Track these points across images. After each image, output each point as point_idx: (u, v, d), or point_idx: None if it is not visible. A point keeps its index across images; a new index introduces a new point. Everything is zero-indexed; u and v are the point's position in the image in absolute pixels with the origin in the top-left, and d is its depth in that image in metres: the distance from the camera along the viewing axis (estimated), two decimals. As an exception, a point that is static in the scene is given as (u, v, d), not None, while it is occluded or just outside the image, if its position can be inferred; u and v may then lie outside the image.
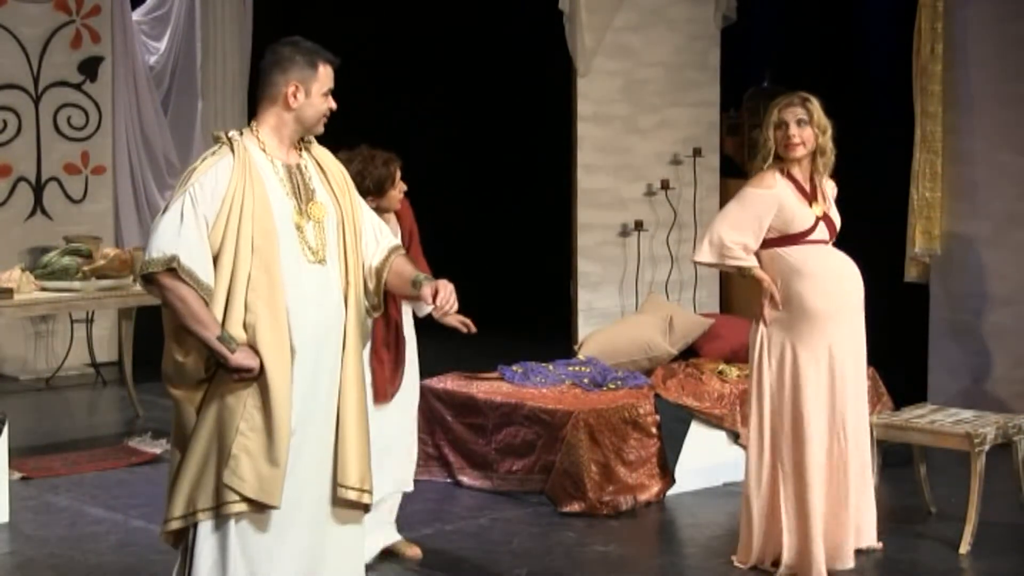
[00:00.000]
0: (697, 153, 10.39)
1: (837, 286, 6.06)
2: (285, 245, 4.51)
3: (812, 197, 6.06)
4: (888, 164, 9.15)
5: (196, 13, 11.42)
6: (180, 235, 4.42)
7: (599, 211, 10.09)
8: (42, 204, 10.62)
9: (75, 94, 10.73)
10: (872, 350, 6.32)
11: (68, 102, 10.70)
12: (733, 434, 7.53)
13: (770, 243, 6.07)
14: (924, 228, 8.54)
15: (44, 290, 8.43)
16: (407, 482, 6.23)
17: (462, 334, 5.24)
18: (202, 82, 11.50)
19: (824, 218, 6.07)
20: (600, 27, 9.96)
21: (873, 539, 6.28)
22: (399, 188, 6.08)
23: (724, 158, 10.79)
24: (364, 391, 4.70)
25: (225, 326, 4.43)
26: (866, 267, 6.21)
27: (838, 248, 6.14)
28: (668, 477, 7.33)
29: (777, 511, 6.08)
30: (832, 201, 6.14)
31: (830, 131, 6.05)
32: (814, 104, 6.03)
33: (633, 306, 9.96)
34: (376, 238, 4.77)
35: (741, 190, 6.17)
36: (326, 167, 4.71)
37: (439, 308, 4.65)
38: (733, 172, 10.68)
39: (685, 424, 7.45)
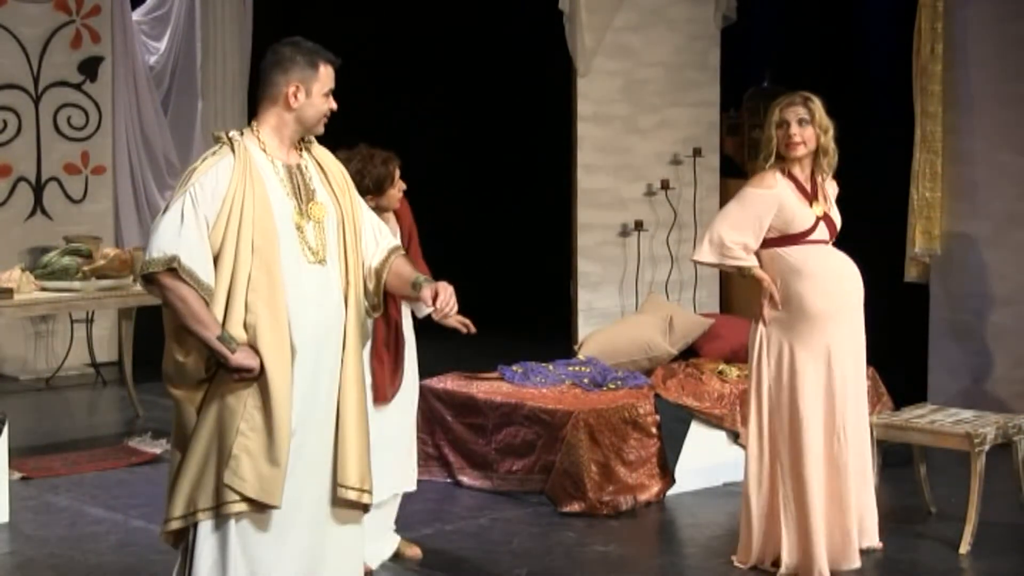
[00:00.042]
0: (697, 153, 10.39)
1: (837, 286, 6.06)
2: (285, 245, 4.51)
3: (813, 197, 6.06)
4: (888, 164, 9.15)
5: (196, 13, 11.42)
6: (180, 235, 4.43)
7: (599, 211, 10.09)
8: (42, 204, 10.62)
9: (75, 94, 10.73)
10: (872, 350, 6.32)
11: (68, 102, 10.69)
12: (733, 434, 7.53)
13: (770, 243, 6.07)
14: (924, 228, 8.53)
15: (44, 290, 8.42)
16: (410, 482, 6.22)
17: (462, 334, 5.23)
18: (202, 82, 11.49)
19: (824, 218, 6.07)
20: (600, 27, 9.96)
21: (875, 539, 6.28)
22: (398, 187, 6.08)
23: (724, 158, 10.78)
24: (364, 391, 4.71)
25: (225, 326, 4.43)
26: (866, 267, 6.20)
27: (838, 248, 6.14)
28: (668, 477, 7.32)
29: (776, 511, 6.08)
30: (833, 201, 6.14)
31: (832, 131, 6.05)
32: (816, 104, 6.03)
33: (633, 306, 9.95)
34: (376, 239, 4.77)
35: (741, 190, 6.17)
36: (326, 167, 4.71)
37: (439, 311, 4.65)
38: (733, 172, 10.68)
39: (685, 424, 7.45)
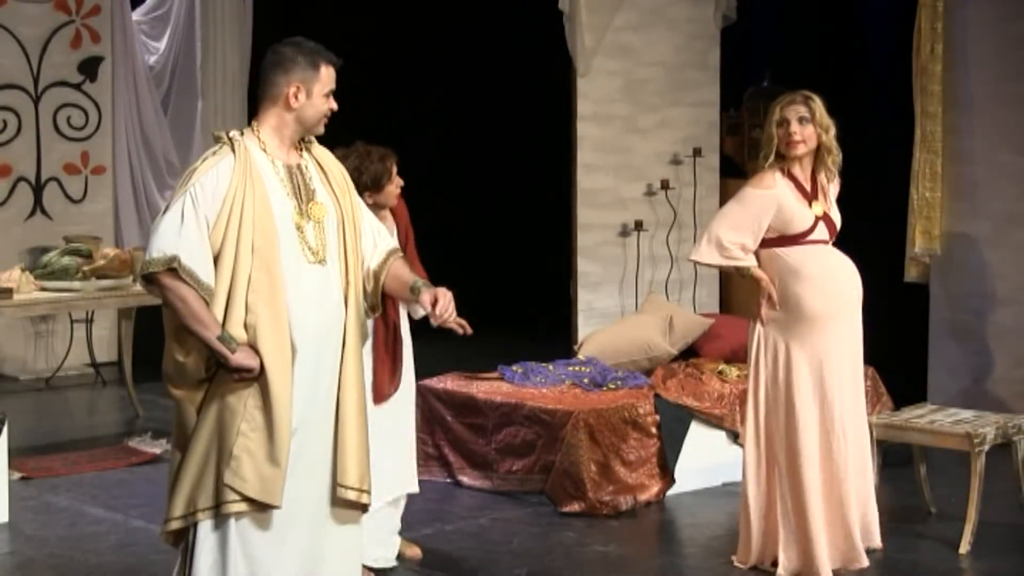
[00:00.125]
0: (697, 153, 10.38)
1: (835, 287, 6.05)
2: (285, 245, 4.51)
3: (813, 196, 6.05)
4: (888, 164, 9.14)
5: (196, 13, 11.41)
6: (181, 235, 4.43)
7: (599, 211, 10.08)
8: (42, 204, 10.61)
9: (75, 94, 10.73)
10: (872, 350, 6.32)
11: (68, 102, 10.69)
12: (733, 434, 7.53)
13: (769, 243, 6.06)
14: (924, 228, 8.53)
15: (44, 290, 8.42)
16: (411, 484, 6.21)
17: (460, 335, 5.23)
18: (202, 82, 11.49)
19: (824, 218, 6.06)
20: (600, 27, 9.96)
21: (877, 539, 6.28)
22: (396, 183, 6.07)
23: (724, 158, 10.78)
24: (364, 391, 4.71)
25: (226, 326, 4.43)
26: (866, 267, 6.20)
27: (838, 248, 6.14)
28: (668, 477, 7.32)
29: (774, 511, 6.08)
30: (833, 200, 6.14)
31: (833, 130, 6.05)
32: (816, 102, 6.03)
33: (633, 306, 9.95)
34: (374, 240, 4.77)
35: (740, 190, 6.17)
36: (326, 167, 4.71)
37: (438, 316, 4.64)
38: (733, 172, 10.68)
39: (685, 424, 7.45)
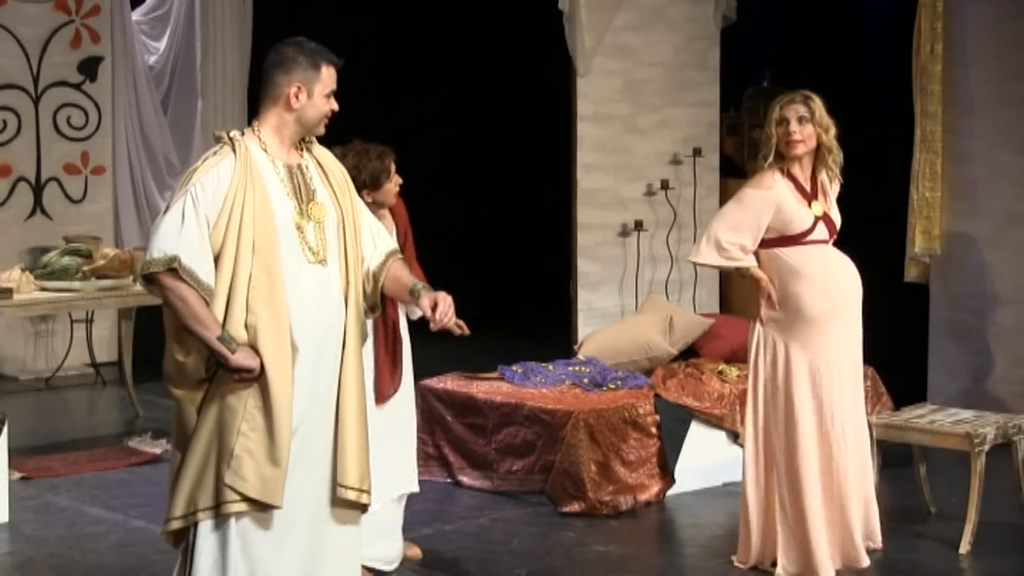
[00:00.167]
0: (697, 153, 10.39)
1: (835, 287, 6.05)
2: (286, 245, 4.51)
3: (812, 196, 6.05)
4: (888, 164, 9.14)
5: (196, 13, 11.41)
6: (181, 235, 4.43)
7: (599, 211, 10.09)
8: (42, 204, 10.61)
9: (75, 94, 10.73)
10: (872, 350, 6.32)
11: (68, 102, 10.69)
12: (733, 434, 7.53)
13: (769, 243, 6.06)
14: (924, 228, 8.53)
15: (44, 290, 8.42)
16: (411, 483, 6.21)
17: (459, 335, 5.22)
18: (202, 82, 11.49)
19: (824, 218, 6.06)
20: (600, 27, 9.96)
21: (879, 538, 6.29)
22: (394, 181, 6.07)
23: (724, 158, 10.78)
24: (364, 391, 4.70)
25: (226, 326, 4.43)
26: (866, 267, 6.20)
27: (838, 248, 6.13)
28: (668, 477, 7.32)
29: (773, 511, 6.08)
30: (833, 200, 6.13)
31: (833, 129, 6.05)
32: (816, 102, 6.02)
33: (633, 306, 9.95)
34: (373, 241, 4.77)
35: (740, 191, 6.16)
36: (327, 167, 4.71)
37: (438, 321, 4.64)
38: (733, 172, 10.68)
39: (685, 424, 7.45)
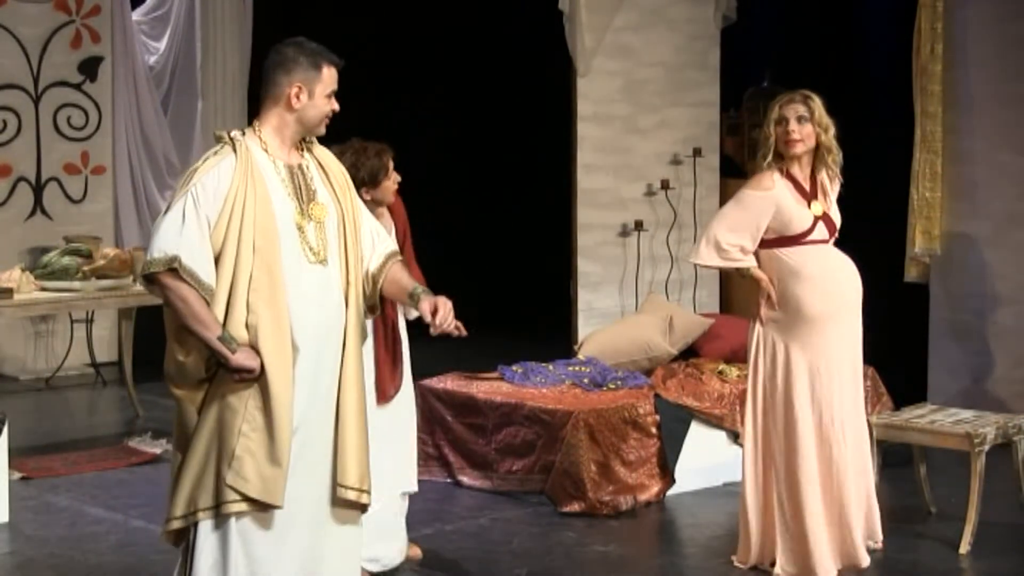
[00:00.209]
0: (697, 153, 10.39)
1: (835, 287, 6.05)
2: (286, 245, 4.51)
3: (812, 196, 6.05)
4: (888, 164, 9.14)
5: (196, 13, 11.41)
6: (182, 235, 4.43)
7: (599, 211, 10.09)
8: (42, 204, 10.61)
9: (75, 94, 10.73)
10: (872, 350, 6.32)
11: (68, 102, 10.69)
12: (733, 434, 7.53)
13: (768, 244, 6.06)
14: (924, 228, 8.53)
15: (44, 290, 8.42)
16: (411, 482, 6.21)
17: (458, 335, 5.22)
18: (202, 82, 11.49)
19: (823, 217, 6.06)
20: (600, 27, 9.96)
21: (879, 536, 6.29)
22: (393, 179, 6.05)
23: (724, 158, 10.78)
24: (364, 391, 4.70)
25: (227, 326, 4.43)
26: (866, 267, 6.20)
27: (838, 248, 6.13)
28: (668, 477, 7.33)
29: (772, 511, 6.08)
30: (833, 199, 6.13)
31: (832, 129, 6.05)
32: (815, 102, 6.02)
33: (633, 306, 9.95)
34: (373, 242, 4.77)
35: (739, 192, 6.16)
36: (327, 167, 4.71)
37: (437, 326, 4.64)
38: (733, 172, 10.68)
39: (685, 424, 7.45)
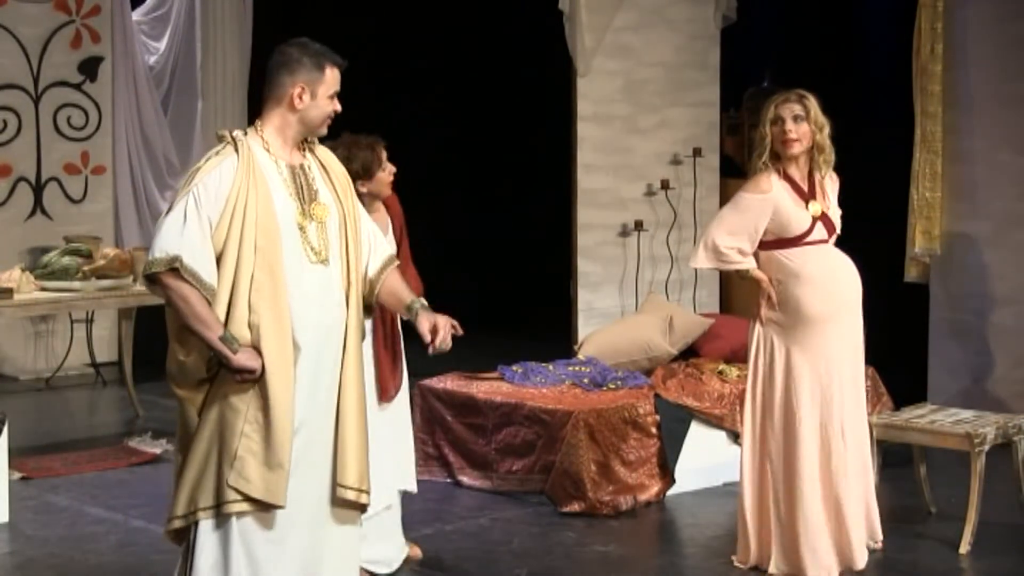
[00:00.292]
0: (697, 153, 10.38)
1: (835, 288, 6.04)
2: (288, 245, 4.51)
3: (810, 196, 6.05)
4: (888, 164, 9.15)
5: (196, 13, 11.41)
6: (183, 235, 4.43)
7: (599, 211, 10.08)
8: (42, 204, 10.61)
9: (75, 94, 10.73)
10: (872, 350, 6.31)
11: (68, 102, 10.69)
12: (733, 434, 7.53)
13: (768, 245, 6.06)
14: (924, 228, 8.54)
15: (44, 290, 8.42)
16: (411, 482, 6.21)
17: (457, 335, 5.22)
18: (202, 82, 11.48)
19: (822, 217, 6.05)
20: (600, 27, 9.96)
21: (880, 537, 6.29)
22: (388, 171, 6.02)
23: (724, 158, 10.78)
24: (364, 391, 4.71)
25: (228, 326, 4.44)
26: (866, 267, 6.20)
27: (838, 248, 6.13)
28: (668, 477, 7.33)
29: (767, 511, 6.07)
30: (833, 198, 6.12)
31: (828, 128, 6.05)
32: (811, 101, 6.02)
33: (633, 306, 9.95)
34: (371, 245, 4.77)
35: (736, 195, 6.15)
36: (329, 167, 4.71)
37: (436, 348, 4.63)
38: (733, 172, 10.67)
39: (685, 424, 7.45)
